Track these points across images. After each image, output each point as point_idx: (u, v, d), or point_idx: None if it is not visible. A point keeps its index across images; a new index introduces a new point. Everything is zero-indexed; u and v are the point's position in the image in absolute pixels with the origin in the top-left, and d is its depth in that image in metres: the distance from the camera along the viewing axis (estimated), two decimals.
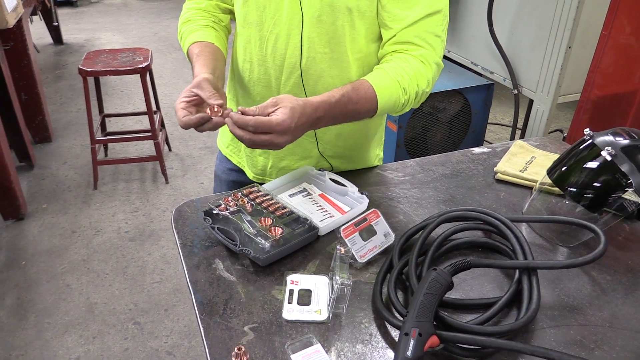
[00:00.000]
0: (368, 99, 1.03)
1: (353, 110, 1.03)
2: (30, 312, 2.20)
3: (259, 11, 1.12)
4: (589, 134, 1.08)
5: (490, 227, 1.01)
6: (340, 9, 1.07)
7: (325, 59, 1.12)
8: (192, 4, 1.25)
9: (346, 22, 1.08)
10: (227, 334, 0.83)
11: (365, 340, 0.82)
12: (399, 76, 1.06)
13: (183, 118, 0.96)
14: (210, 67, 1.07)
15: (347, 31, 1.09)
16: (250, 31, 1.16)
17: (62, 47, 5.33)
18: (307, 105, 0.96)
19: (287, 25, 1.10)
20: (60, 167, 3.26)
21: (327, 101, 0.99)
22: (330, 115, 1.00)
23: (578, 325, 0.86)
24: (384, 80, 1.05)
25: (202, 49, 1.14)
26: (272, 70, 1.15)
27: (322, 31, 1.09)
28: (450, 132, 2.47)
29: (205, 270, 0.97)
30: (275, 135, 0.91)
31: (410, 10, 1.07)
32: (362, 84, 1.04)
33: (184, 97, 0.99)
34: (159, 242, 2.63)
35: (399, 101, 1.07)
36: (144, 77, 2.84)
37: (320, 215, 1.10)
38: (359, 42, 1.12)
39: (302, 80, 1.14)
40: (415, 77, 1.07)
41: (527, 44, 2.26)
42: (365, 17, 1.09)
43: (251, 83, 1.20)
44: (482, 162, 1.35)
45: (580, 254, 1.03)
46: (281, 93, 1.16)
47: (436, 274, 0.82)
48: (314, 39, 1.10)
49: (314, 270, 0.97)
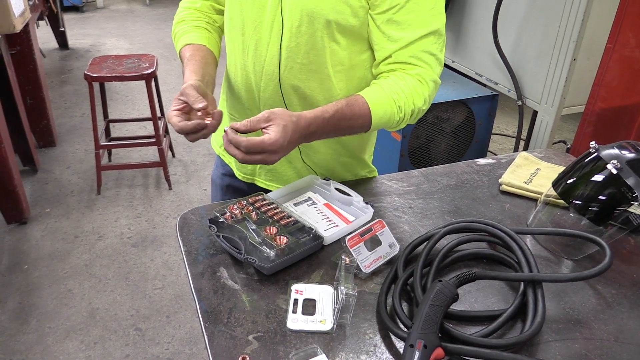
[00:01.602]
0: (362, 115, 1.03)
1: (346, 126, 1.03)
2: (31, 316, 2.20)
3: (242, 15, 1.13)
4: (594, 147, 1.08)
5: (495, 239, 1.01)
6: (319, 20, 1.06)
7: (303, 70, 1.11)
8: (188, 3, 1.26)
9: (325, 34, 1.07)
10: (231, 342, 0.83)
11: (370, 351, 0.82)
12: (394, 94, 1.05)
13: (179, 123, 0.97)
14: (200, 73, 1.08)
15: (326, 43, 1.08)
16: (235, 35, 1.16)
17: (68, 52, 5.36)
18: (300, 120, 0.96)
19: (268, 32, 1.10)
20: (64, 172, 3.27)
21: (321, 117, 0.99)
22: (322, 131, 1.01)
23: (583, 339, 0.86)
24: (379, 97, 1.05)
25: (193, 52, 1.14)
26: (253, 76, 1.15)
27: (301, 41, 1.08)
28: (454, 142, 2.48)
29: (210, 278, 0.97)
30: (268, 154, 0.92)
31: (406, 31, 1.06)
32: (357, 100, 1.04)
33: (175, 106, 1.00)
34: (161, 248, 2.63)
35: (394, 119, 1.07)
36: (149, 83, 2.85)
37: (325, 225, 1.10)
38: (339, 55, 1.11)
39: (280, 89, 1.13)
40: (412, 95, 1.07)
41: (532, 55, 2.27)
42: (346, 31, 1.08)
43: (236, 87, 1.21)
44: (487, 174, 1.35)
45: (585, 267, 1.03)
46: (262, 99, 1.16)
47: (441, 286, 0.82)
48: (293, 48, 1.09)
49: (318, 279, 0.97)
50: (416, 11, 1.04)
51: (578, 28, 2.03)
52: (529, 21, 2.26)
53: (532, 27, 2.25)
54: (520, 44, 2.32)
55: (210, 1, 1.25)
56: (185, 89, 0.99)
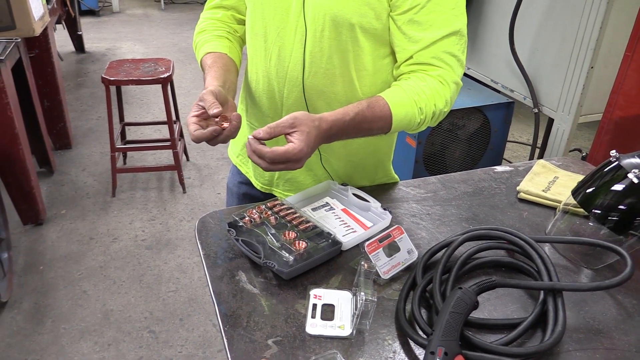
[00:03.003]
0: (382, 117, 1.03)
1: (366, 128, 1.04)
2: (47, 317, 2.22)
3: (264, 22, 1.13)
4: (615, 155, 1.07)
5: (515, 247, 1.01)
6: (343, 24, 1.06)
7: (327, 74, 1.11)
8: (209, 14, 1.27)
9: (349, 38, 1.08)
10: (250, 346, 0.84)
11: (389, 357, 0.82)
12: (416, 95, 1.05)
13: (195, 132, 0.97)
14: (221, 80, 1.09)
15: (350, 47, 1.09)
16: (257, 42, 1.17)
17: (84, 55, 5.42)
18: (322, 124, 0.97)
19: (291, 38, 1.10)
20: (80, 174, 3.30)
21: (342, 119, 0.99)
22: (343, 133, 1.01)
23: (604, 349, 0.85)
24: (400, 98, 1.05)
25: (214, 60, 1.15)
26: (276, 83, 1.15)
27: (325, 46, 1.09)
28: (469, 149, 2.47)
29: (229, 282, 0.98)
30: (292, 163, 0.93)
31: (427, 32, 1.06)
32: (378, 102, 1.04)
33: (194, 112, 1.00)
34: (175, 252, 2.64)
35: (415, 120, 1.07)
36: (165, 87, 2.87)
37: (343, 230, 1.10)
38: (363, 59, 1.11)
39: (304, 94, 1.14)
40: (433, 96, 1.06)
41: (549, 62, 2.26)
42: (369, 35, 1.08)
43: (257, 94, 1.21)
44: (505, 181, 1.35)
45: (605, 276, 1.03)
46: (284, 106, 1.17)
47: (462, 293, 0.82)
48: (317, 53, 1.09)
49: (336, 285, 0.97)
50: (437, 11, 1.04)
51: (596, 36, 2.02)
52: (546, 29, 2.26)
53: (549, 35, 2.24)
54: (536, 51, 2.32)
55: (232, 11, 1.26)
56: (203, 94, 1.00)
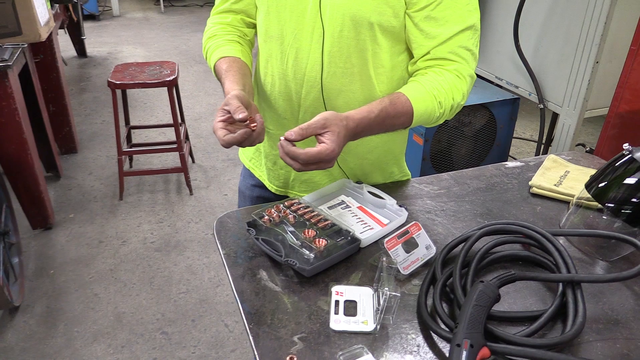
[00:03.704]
0: (405, 112, 1.05)
1: (389, 124, 1.05)
2: (59, 320, 2.24)
3: (280, 25, 1.13)
4: (628, 148, 1.08)
5: (531, 241, 1.02)
6: (363, 24, 1.07)
7: (346, 73, 1.13)
8: (217, 18, 1.26)
9: (368, 37, 1.09)
10: (276, 343, 0.85)
11: (414, 351, 0.84)
12: (435, 90, 1.07)
13: (225, 137, 0.97)
14: (240, 83, 1.09)
15: (369, 46, 1.10)
16: (272, 45, 1.17)
17: (86, 59, 5.44)
18: (350, 123, 0.98)
19: (309, 39, 1.11)
20: (86, 178, 3.32)
21: (367, 117, 1.01)
22: (368, 130, 1.03)
23: (624, 339, 0.87)
24: (420, 93, 1.07)
25: (230, 64, 1.15)
26: (293, 84, 1.16)
27: (344, 46, 1.10)
28: (475, 146, 2.48)
29: (251, 281, 0.99)
30: (324, 163, 0.95)
31: (443, 27, 1.08)
32: (400, 98, 1.06)
33: (219, 117, 1.01)
34: (184, 253, 2.66)
35: (434, 114, 1.09)
36: (170, 90, 2.89)
37: (361, 228, 1.11)
38: (381, 57, 1.13)
39: (322, 94, 1.15)
40: (451, 90, 1.09)
41: (554, 58, 2.27)
42: (387, 32, 1.10)
43: (273, 97, 1.21)
44: (516, 176, 1.36)
45: (620, 268, 1.04)
46: (302, 107, 1.18)
47: (484, 286, 0.83)
48: (335, 53, 1.11)
49: (357, 281, 0.98)
50: (453, 7, 1.06)
51: (601, 31, 2.03)
52: (550, 25, 2.27)
53: (553, 31, 2.26)
54: (541, 47, 2.33)
55: (241, 15, 1.25)
56: (228, 99, 1.00)
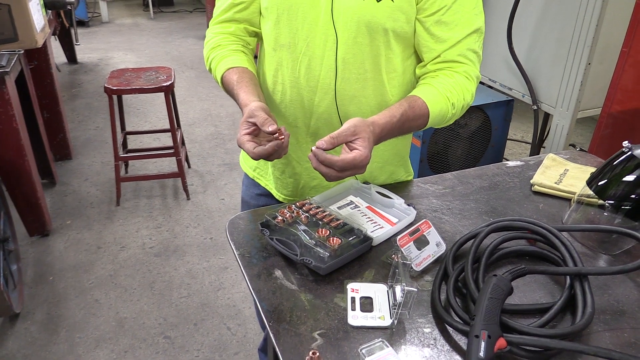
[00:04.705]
0: (422, 115, 1.09)
1: (407, 127, 1.09)
2: (60, 326, 2.23)
3: (291, 33, 1.14)
4: (627, 146, 1.12)
5: (538, 236, 1.06)
6: (377, 30, 1.10)
7: (360, 79, 1.15)
8: (219, 28, 1.25)
9: (382, 42, 1.12)
10: (297, 339, 0.87)
11: (431, 344, 0.86)
12: (448, 92, 1.11)
13: (255, 150, 0.98)
14: (255, 94, 1.09)
15: (382, 51, 1.13)
16: (282, 53, 1.17)
17: (77, 66, 5.41)
18: (376, 128, 1.01)
19: (322, 46, 1.12)
20: (82, 184, 3.31)
21: (390, 121, 1.04)
22: (390, 134, 1.06)
23: (631, 329, 0.90)
24: (434, 96, 1.11)
25: (240, 75, 1.15)
26: (305, 91, 1.17)
27: (358, 52, 1.12)
28: (471, 147, 2.53)
29: (267, 280, 1.01)
30: (358, 169, 0.97)
31: (453, 31, 1.12)
32: (417, 101, 1.09)
33: (245, 130, 1.01)
34: (184, 258, 2.66)
35: (447, 115, 1.13)
36: (167, 95, 2.90)
37: (371, 227, 1.14)
38: (393, 62, 1.15)
39: (335, 101, 1.16)
40: (462, 91, 1.13)
41: (547, 60, 2.32)
42: (400, 38, 1.13)
43: (283, 105, 1.21)
44: (517, 175, 1.40)
45: (623, 261, 1.08)
46: (314, 114, 1.19)
47: (497, 280, 0.86)
48: (349, 59, 1.12)
49: (371, 278, 1.01)
50: (461, 11, 1.11)
51: (592, 33, 2.08)
52: (542, 27, 2.32)
53: (546, 33, 2.31)
54: (534, 49, 2.38)
55: (244, 24, 1.24)
56: (253, 111, 1.01)
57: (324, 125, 1.19)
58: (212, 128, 4.13)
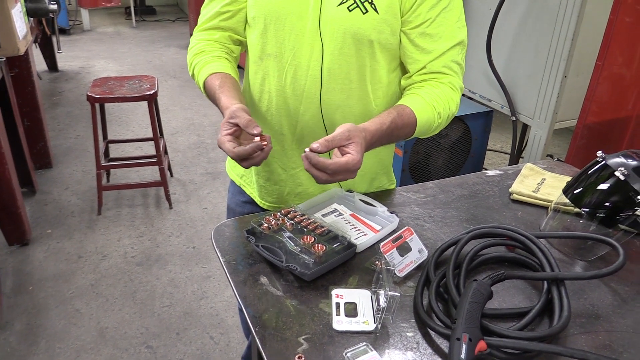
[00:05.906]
0: (409, 124, 1.12)
1: (396, 135, 1.11)
2: (40, 337, 2.20)
3: (278, 43, 1.16)
4: (601, 155, 1.17)
5: (517, 243, 1.09)
6: (363, 41, 1.13)
7: (345, 89, 1.17)
8: (204, 35, 1.26)
9: (367, 54, 1.14)
10: (283, 344, 0.89)
11: (414, 347, 0.88)
12: (434, 102, 1.14)
13: (235, 149, 0.99)
14: (237, 99, 1.10)
15: (367, 62, 1.16)
16: (269, 63, 1.19)
17: (57, 74, 5.37)
18: (367, 135, 1.03)
19: (307, 56, 1.14)
20: (63, 193, 3.28)
21: (380, 129, 1.06)
22: (378, 141, 1.08)
23: (605, 332, 0.94)
24: (422, 105, 1.13)
25: (222, 80, 1.16)
26: (291, 100, 1.19)
27: (343, 63, 1.14)
28: (451, 157, 2.57)
29: (252, 286, 1.02)
30: (349, 172, 0.98)
31: (438, 43, 1.15)
32: (405, 110, 1.12)
33: (225, 131, 1.02)
34: (166, 267, 2.65)
35: (433, 124, 1.16)
36: (151, 104, 2.90)
37: (355, 234, 1.16)
38: (379, 73, 1.18)
39: (321, 110, 1.18)
40: (447, 101, 1.16)
41: (525, 73, 2.38)
42: (385, 50, 1.16)
43: (269, 113, 1.23)
44: (497, 184, 1.44)
45: (598, 267, 1.11)
46: (299, 123, 1.21)
47: (477, 285, 0.89)
48: (335, 70, 1.15)
49: (355, 284, 1.03)
50: (445, 24, 1.14)
51: (568, 47, 2.15)
52: (520, 41, 2.39)
53: (524, 47, 2.37)
54: (512, 62, 2.44)
55: (229, 32, 1.25)
56: (234, 112, 1.02)
57: (310, 133, 1.21)
58: (195, 137, 4.13)
